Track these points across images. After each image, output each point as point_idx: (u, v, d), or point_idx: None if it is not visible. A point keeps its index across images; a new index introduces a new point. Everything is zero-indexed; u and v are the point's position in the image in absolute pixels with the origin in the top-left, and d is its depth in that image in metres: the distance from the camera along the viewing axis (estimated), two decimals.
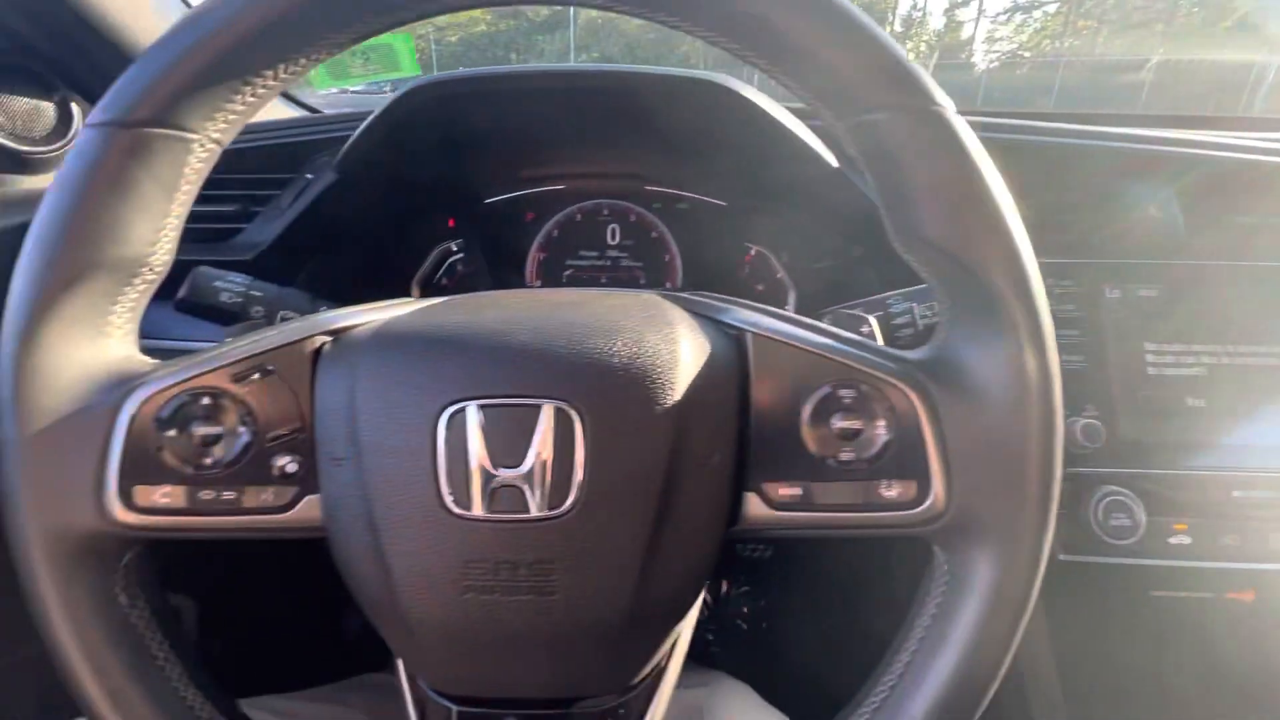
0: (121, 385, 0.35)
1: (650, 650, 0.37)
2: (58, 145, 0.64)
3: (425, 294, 0.85)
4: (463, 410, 0.33)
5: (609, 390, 0.33)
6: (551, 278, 0.89)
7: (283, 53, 0.33)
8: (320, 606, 1.17)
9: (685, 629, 0.41)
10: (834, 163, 0.64)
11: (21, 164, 0.62)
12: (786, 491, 0.36)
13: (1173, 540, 0.54)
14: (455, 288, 0.87)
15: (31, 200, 0.63)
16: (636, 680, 0.38)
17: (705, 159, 0.80)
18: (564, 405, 0.33)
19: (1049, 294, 0.57)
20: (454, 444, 0.33)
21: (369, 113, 0.64)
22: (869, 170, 0.34)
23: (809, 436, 0.35)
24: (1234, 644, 0.62)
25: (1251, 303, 0.59)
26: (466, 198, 0.86)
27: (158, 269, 0.36)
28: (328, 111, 0.95)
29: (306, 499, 0.36)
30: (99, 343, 0.35)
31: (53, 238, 0.33)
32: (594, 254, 0.89)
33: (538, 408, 0.33)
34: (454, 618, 0.34)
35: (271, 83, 0.34)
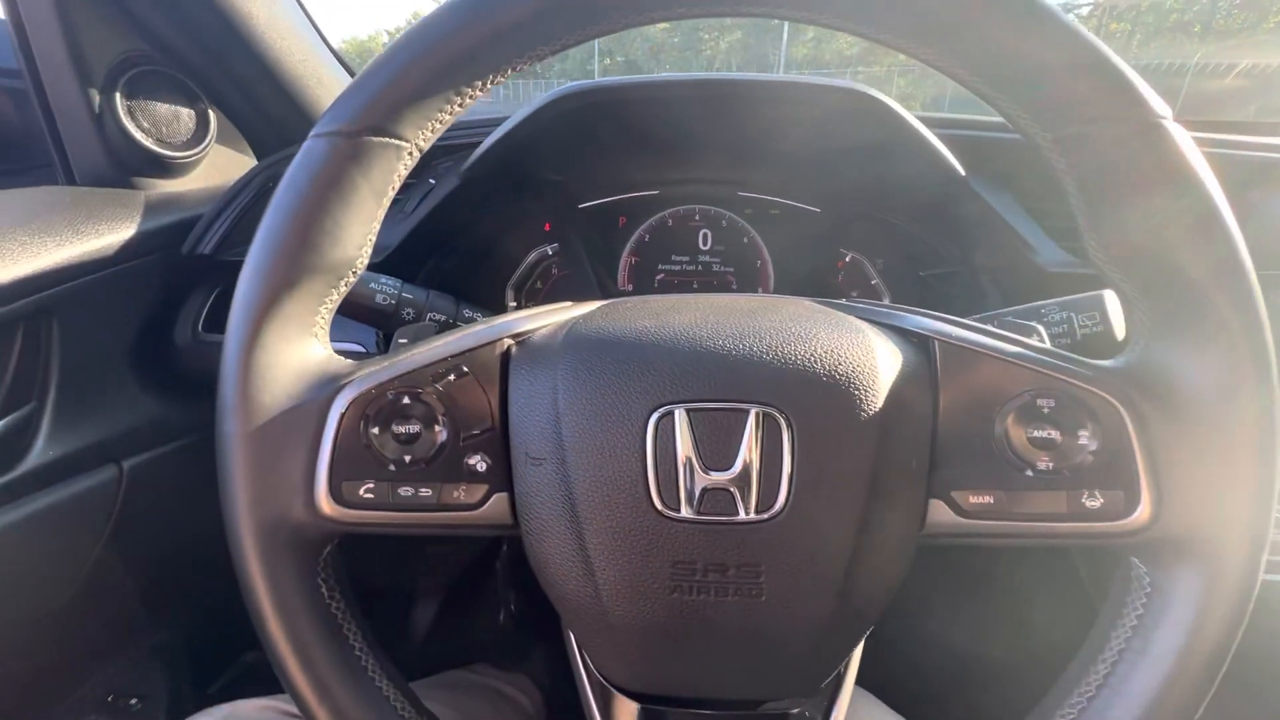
0: (331, 383, 0.36)
1: (843, 654, 0.38)
2: (196, 151, 0.67)
3: (519, 298, 0.87)
4: (671, 413, 0.33)
5: (814, 395, 0.34)
6: (643, 281, 0.90)
7: (491, 68, 0.34)
8: (393, 608, 1.20)
9: (861, 641, 0.41)
10: (961, 171, 0.64)
11: (164, 168, 0.65)
12: (977, 499, 0.36)
13: None
14: (549, 291, 0.88)
15: (174, 201, 0.66)
16: (824, 684, 0.39)
17: (804, 166, 0.80)
18: (771, 410, 0.33)
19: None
20: (662, 446, 0.33)
21: (490, 120, 0.65)
22: (1074, 180, 0.34)
23: (1003, 445, 0.35)
24: None
25: None
26: (564, 202, 0.87)
27: (359, 270, 0.37)
28: None
29: (495, 497, 0.37)
30: (308, 342, 0.37)
31: (281, 239, 0.34)
32: (685, 258, 0.90)
33: (745, 412, 0.33)
34: (659, 618, 0.34)
35: (478, 93, 0.35)
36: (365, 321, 0.54)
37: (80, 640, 0.65)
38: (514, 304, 0.86)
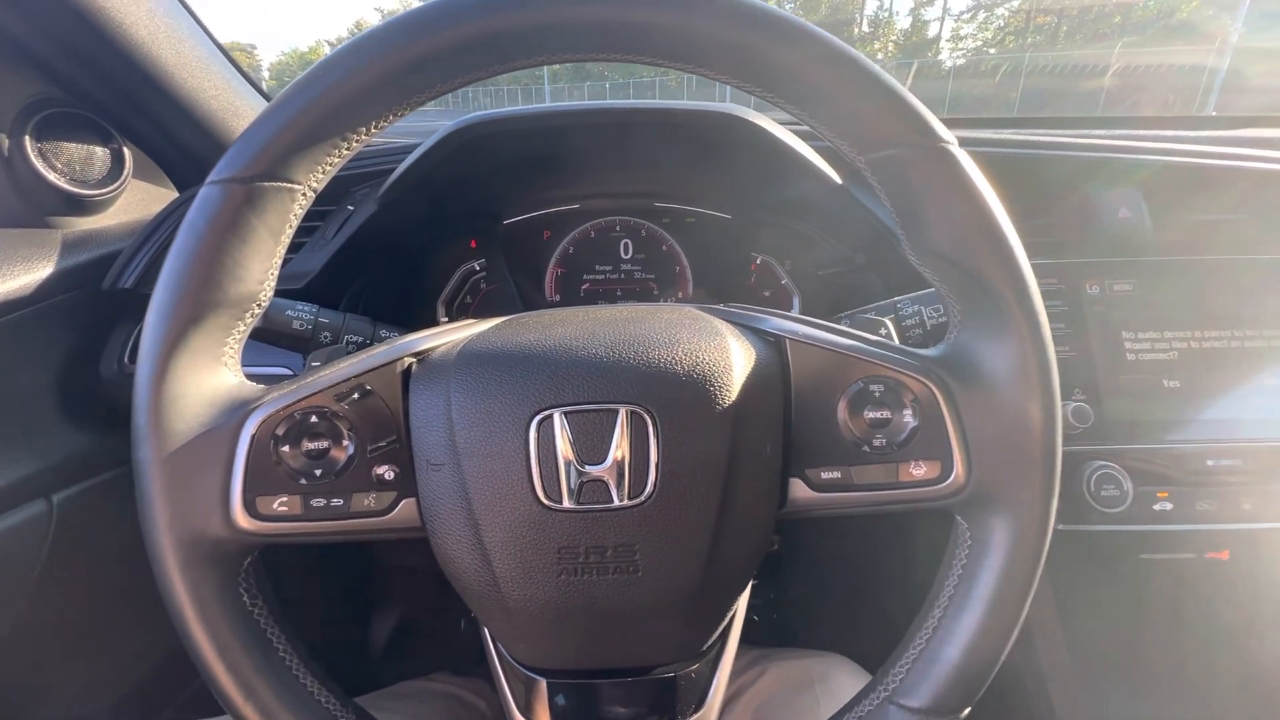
0: (241, 408, 0.39)
1: (717, 619, 0.43)
2: (112, 188, 0.68)
3: (450, 313, 0.90)
4: (550, 416, 0.38)
5: (676, 393, 0.38)
6: (570, 292, 0.94)
7: (374, 114, 0.38)
8: (349, 622, 1.21)
9: (741, 604, 0.46)
10: (838, 180, 0.70)
11: (81, 206, 0.66)
12: (827, 475, 0.41)
13: (1156, 507, 0.61)
14: (479, 305, 0.92)
15: (93, 238, 0.67)
16: (706, 647, 0.44)
17: (713, 178, 0.86)
18: (638, 408, 0.38)
19: (1044, 293, 0.64)
20: (544, 446, 0.38)
21: (404, 146, 0.69)
22: (887, 197, 0.40)
23: (845, 426, 0.41)
24: (1213, 599, 0.69)
25: (1214, 292, 0.66)
26: (487, 220, 0.91)
27: (263, 303, 0.41)
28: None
29: (404, 503, 0.41)
30: (218, 371, 0.40)
31: (183, 280, 0.37)
32: (608, 268, 0.95)
33: (616, 411, 0.38)
34: (550, 599, 0.38)
35: (364, 136, 0.39)
36: (285, 346, 0.57)
37: (19, 675, 0.66)
38: (445, 319, 0.89)
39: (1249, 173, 0.73)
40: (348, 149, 0.39)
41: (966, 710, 0.41)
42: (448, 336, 0.44)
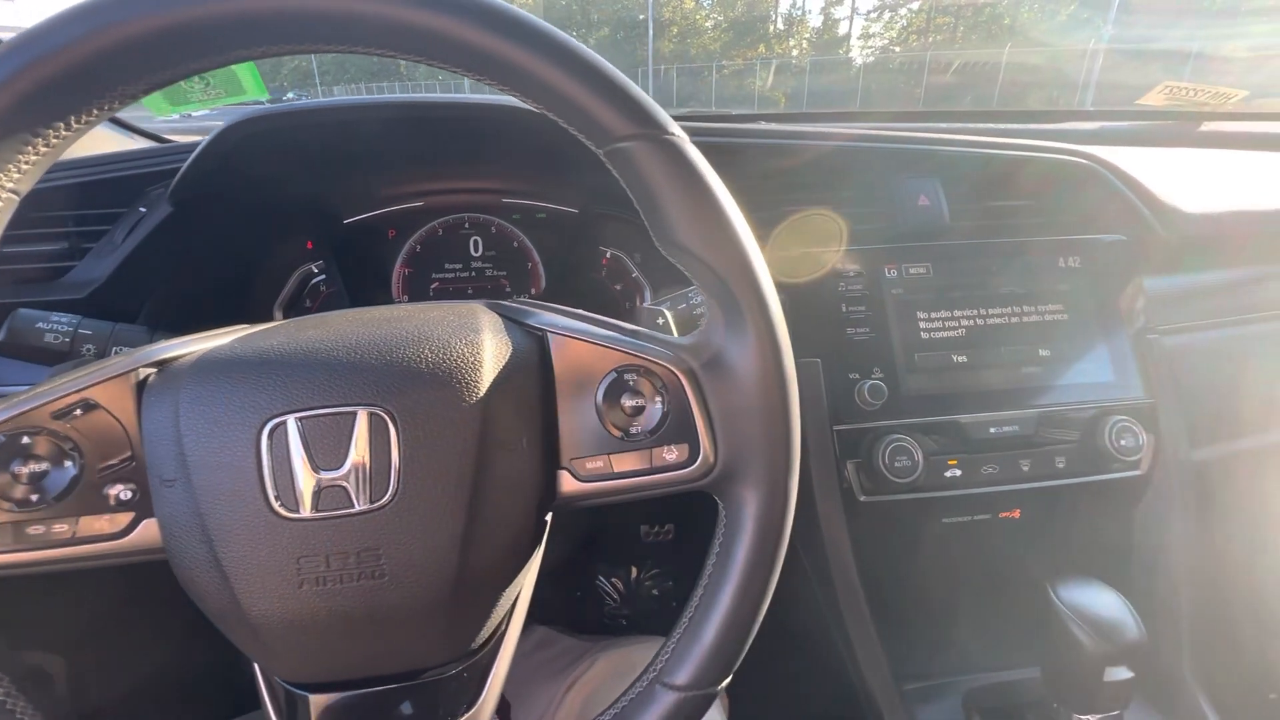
0: None
1: (482, 617, 0.42)
2: None
3: (289, 317, 0.86)
4: (283, 423, 0.37)
5: (417, 393, 0.38)
6: (418, 292, 0.92)
7: (65, 111, 0.35)
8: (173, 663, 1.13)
9: (523, 595, 0.47)
10: None
11: None
12: (592, 465, 0.42)
13: (947, 474, 0.66)
14: (320, 309, 0.88)
15: None
16: (477, 645, 0.44)
17: (557, 173, 0.86)
18: (377, 410, 0.37)
19: (845, 278, 0.67)
20: (278, 454, 0.36)
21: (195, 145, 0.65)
22: (627, 187, 0.41)
23: (604, 415, 0.42)
24: (1009, 553, 0.75)
25: (1000, 273, 0.72)
26: (325, 219, 0.88)
27: None
28: (173, 138, 0.94)
29: (144, 523, 0.38)
30: None
31: None
32: (458, 266, 0.93)
33: (354, 415, 0.37)
34: (294, 610, 0.37)
35: (65, 133, 0.36)
36: (37, 362, 0.52)
37: None
38: None
39: (1037, 162, 0.79)
40: (45, 146, 0.36)
41: (725, 682, 0.42)
42: (198, 345, 0.42)
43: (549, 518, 0.52)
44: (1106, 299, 0.72)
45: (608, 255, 0.93)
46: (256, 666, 0.44)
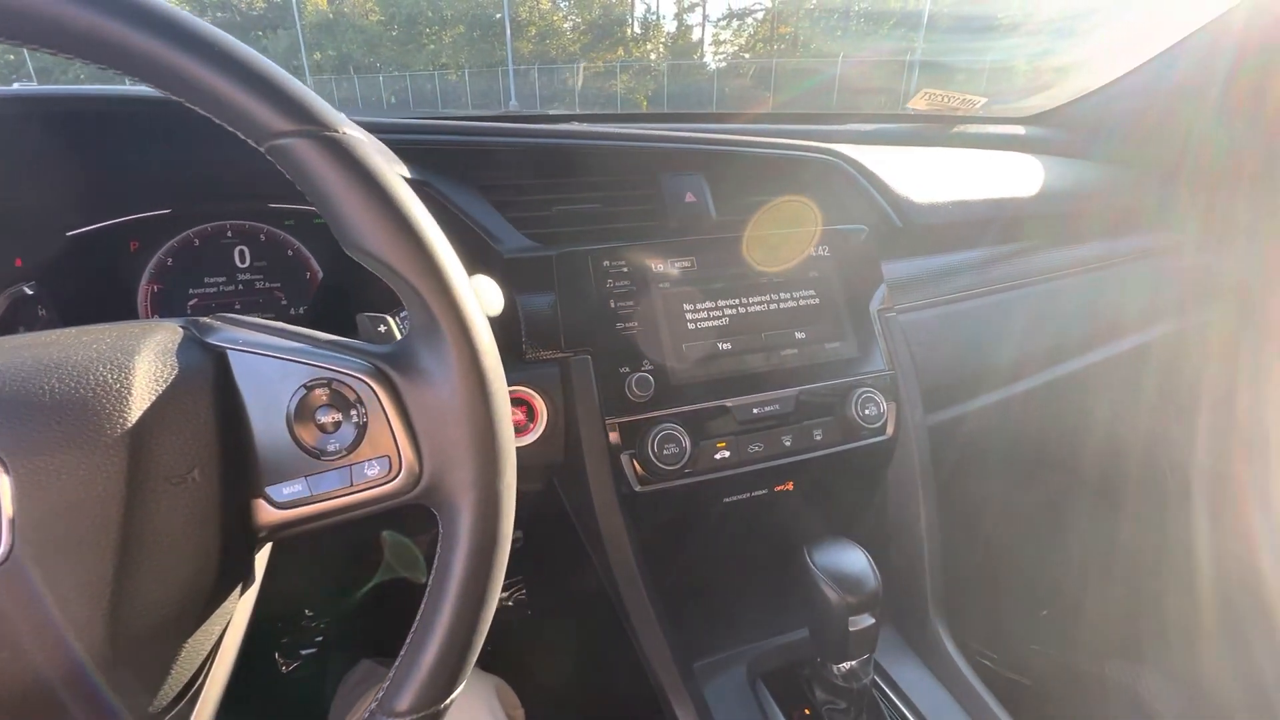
0: None
1: (160, 674, 0.38)
2: None
3: None
4: None
5: (37, 430, 0.33)
6: (173, 310, 0.82)
7: None
8: None
9: (228, 641, 0.42)
10: (411, 176, 0.69)
11: None
12: (289, 490, 0.39)
13: (718, 456, 0.69)
14: None
15: None
16: (164, 705, 0.39)
17: None
18: None
19: (614, 274, 0.67)
20: None
21: None
22: (300, 187, 0.38)
23: (299, 435, 0.39)
24: (787, 523, 0.81)
25: (758, 263, 0.76)
26: (40, 232, 0.75)
27: None
28: None
29: None
30: None
31: None
32: (222, 279, 0.84)
33: None
34: None
35: None
36: None
37: None
38: None
39: (792, 160, 0.86)
40: None
41: (451, 698, 0.41)
42: None
43: (264, 551, 0.48)
44: (852, 283, 0.79)
45: None
46: None
